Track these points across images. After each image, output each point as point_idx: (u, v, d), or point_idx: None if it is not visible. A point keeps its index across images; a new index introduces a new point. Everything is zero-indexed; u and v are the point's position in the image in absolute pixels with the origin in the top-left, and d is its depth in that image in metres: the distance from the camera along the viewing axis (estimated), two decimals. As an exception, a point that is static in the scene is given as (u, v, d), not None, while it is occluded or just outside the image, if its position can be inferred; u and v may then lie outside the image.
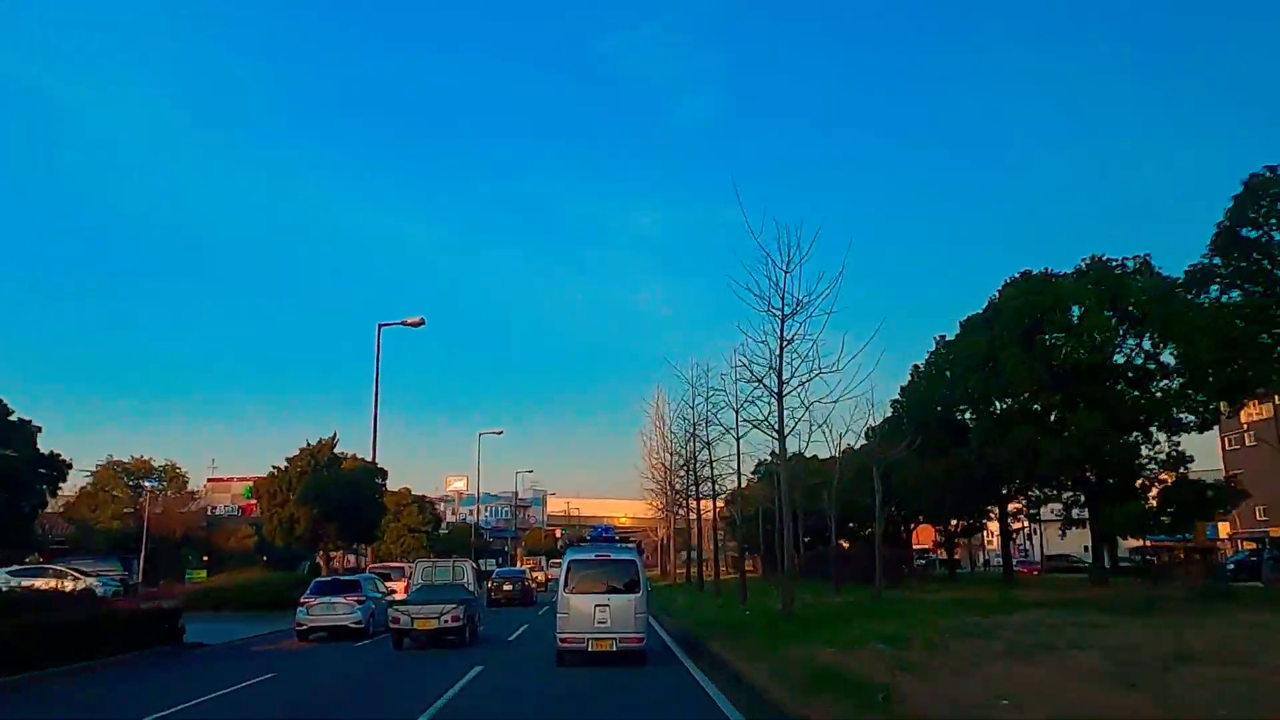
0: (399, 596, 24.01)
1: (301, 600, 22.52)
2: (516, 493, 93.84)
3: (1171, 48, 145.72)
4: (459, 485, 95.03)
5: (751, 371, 20.85)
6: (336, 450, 40.44)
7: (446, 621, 18.38)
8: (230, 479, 76.27)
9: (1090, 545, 39.47)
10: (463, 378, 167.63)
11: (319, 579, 25.14)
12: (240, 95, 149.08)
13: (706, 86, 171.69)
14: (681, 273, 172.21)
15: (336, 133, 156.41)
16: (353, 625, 21.95)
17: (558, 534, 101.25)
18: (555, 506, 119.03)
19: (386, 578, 31.23)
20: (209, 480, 76.46)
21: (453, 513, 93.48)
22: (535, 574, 48.17)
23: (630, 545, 17.32)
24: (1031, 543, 77.54)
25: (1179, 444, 35.21)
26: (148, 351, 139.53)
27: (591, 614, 14.60)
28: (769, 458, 36.24)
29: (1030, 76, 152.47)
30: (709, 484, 36.15)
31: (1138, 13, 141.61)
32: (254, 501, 38.12)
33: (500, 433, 75.07)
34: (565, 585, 14.99)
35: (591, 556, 15.75)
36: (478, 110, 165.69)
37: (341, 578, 25.74)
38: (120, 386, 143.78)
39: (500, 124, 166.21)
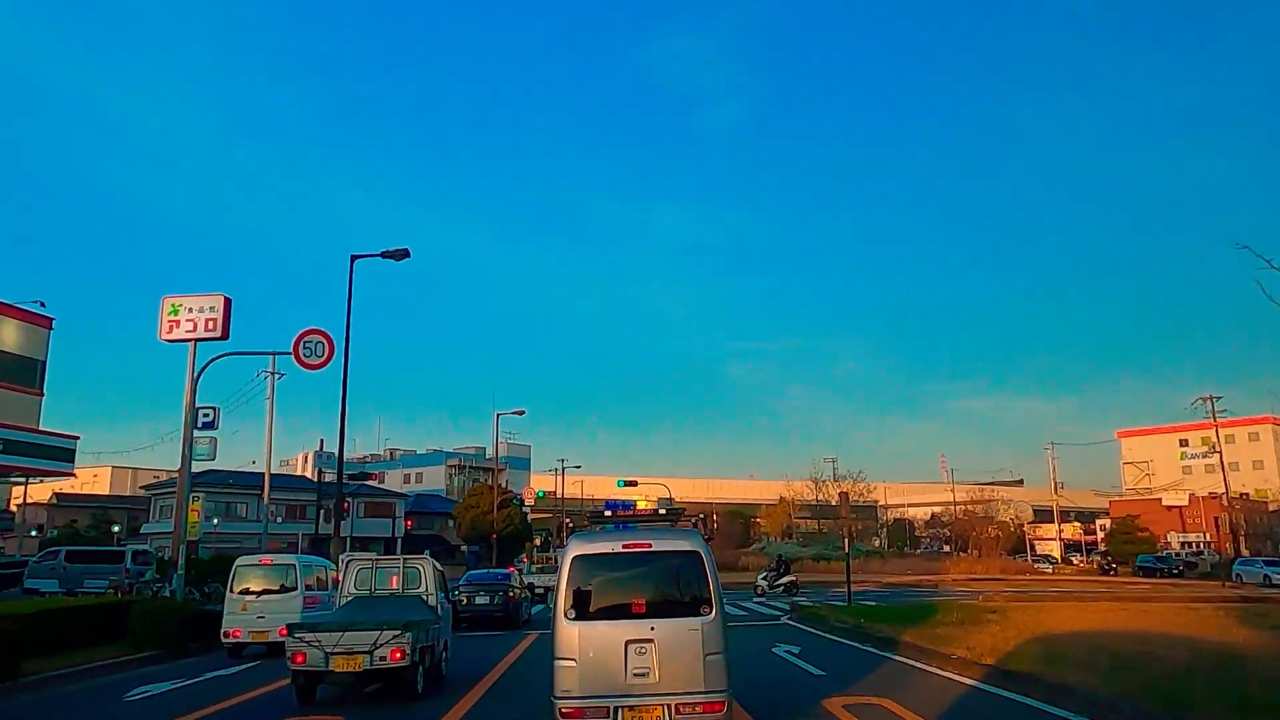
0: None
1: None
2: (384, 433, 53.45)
3: None
4: (193, 309, 20.05)
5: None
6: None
7: (383, 658, 11.20)
8: None
9: None
10: (478, 373, 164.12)
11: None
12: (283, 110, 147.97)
13: (735, 94, 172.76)
14: (708, 274, 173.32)
15: (375, 139, 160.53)
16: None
17: (529, 500, 69.62)
18: (543, 483, 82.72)
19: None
20: None
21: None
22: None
23: (686, 526, 9.55)
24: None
25: None
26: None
27: (621, 657, 7.35)
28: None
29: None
30: None
31: None
32: None
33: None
34: (567, 602, 7.75)
35: (615, 547, 7.97)
36: (507, 116, 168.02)
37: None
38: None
39: (536, 131, 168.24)
